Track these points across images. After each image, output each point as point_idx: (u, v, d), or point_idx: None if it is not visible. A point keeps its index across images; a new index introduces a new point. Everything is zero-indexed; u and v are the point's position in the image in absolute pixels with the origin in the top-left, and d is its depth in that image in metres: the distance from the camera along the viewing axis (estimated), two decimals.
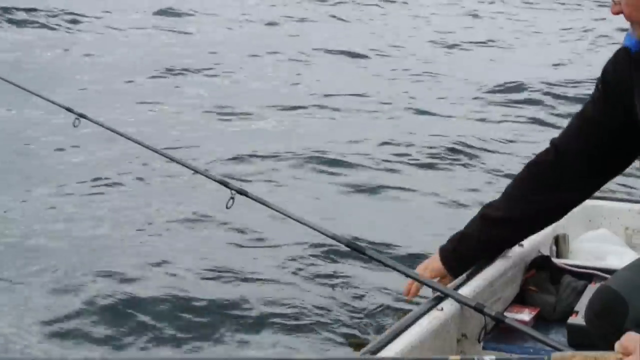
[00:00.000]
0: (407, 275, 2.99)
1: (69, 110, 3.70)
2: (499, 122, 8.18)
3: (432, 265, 2.99)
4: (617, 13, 2.51)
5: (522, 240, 3.16)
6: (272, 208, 3.31)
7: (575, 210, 3.12)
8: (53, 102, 3.77)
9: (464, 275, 2.99)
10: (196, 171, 3.51)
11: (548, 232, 3.40)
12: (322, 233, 3.17)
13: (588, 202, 3.63)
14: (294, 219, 3.24)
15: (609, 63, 2.78)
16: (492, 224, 2.97)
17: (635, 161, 2.90)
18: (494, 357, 1.49)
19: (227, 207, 3.33)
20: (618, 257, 3.47)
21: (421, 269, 3.00)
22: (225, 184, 3.39)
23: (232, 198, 3.33)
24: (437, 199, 6.04)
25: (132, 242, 5.09)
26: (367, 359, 2.53)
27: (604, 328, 2.45)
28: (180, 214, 5.49)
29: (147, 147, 3.56)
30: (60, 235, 5.14)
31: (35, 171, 6.25)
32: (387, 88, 9.38)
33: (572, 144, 2.87)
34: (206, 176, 3.48)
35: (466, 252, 2.99)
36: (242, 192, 3.37)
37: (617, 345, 1.66)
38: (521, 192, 2.96)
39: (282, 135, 7.45)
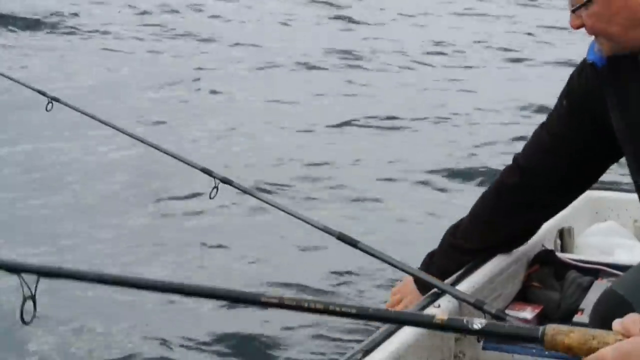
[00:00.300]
0: (401, 269, 2.85)
1: (41, 93, 3.56)
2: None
3: (406, 289, 2.89)
4: (578, 27, 2.32)
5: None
6: (258, 198, 3.17)
7: (581, 202, 3.04)
8: (24, 85, 3.61)
9: (462, 270, 2.86)
10: (177, 158, 3.35)
11: (552, 225, 3.25)
12: (312, 225, 2.99)
13: (594, 194, 3.51)
14: (281, 210, 3.07)
15: (574, 77, 2.66)
16: (462, 253, 2.88)
17: None
18: (484, 321, 1.46)
19: (210, 197, 3.17)
20: (627, 252, 3.34)
21: (394, 294, 2.92)
22: (209, 173, 3.22)
23: (216, 187, 3.17)
24: (437, 202, 5.98)
25: (108, 232, 5.04)
26: None
27: None
28: (161, 204, 5.37)
29: (124, 132, 3.40)
30: (25, 222, 5.10)
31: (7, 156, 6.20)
32: (397, 97, 9.22)
33: (538, 160, 2.78)
34: (188, 164, 3.32)
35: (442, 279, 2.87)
36: (226, 181, 3.20)
37: (616, 324, 1.46)
38: (491, 215, 2.87)
39: (281, 142, 7.32)
